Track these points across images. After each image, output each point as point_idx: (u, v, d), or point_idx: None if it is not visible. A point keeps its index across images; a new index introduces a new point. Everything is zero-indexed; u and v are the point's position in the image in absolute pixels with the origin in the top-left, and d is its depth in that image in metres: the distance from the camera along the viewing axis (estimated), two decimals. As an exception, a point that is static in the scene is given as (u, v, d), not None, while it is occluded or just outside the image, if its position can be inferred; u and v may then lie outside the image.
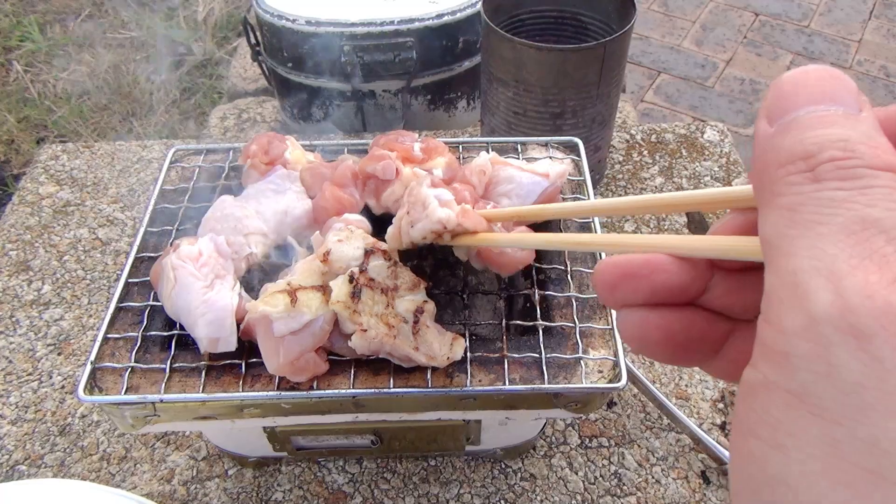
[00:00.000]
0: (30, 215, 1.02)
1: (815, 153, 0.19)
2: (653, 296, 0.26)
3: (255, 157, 0.69)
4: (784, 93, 0.21)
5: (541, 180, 0.63)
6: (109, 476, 0.76)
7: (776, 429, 0.19)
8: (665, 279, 0.26)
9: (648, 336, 0.26)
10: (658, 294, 0.26)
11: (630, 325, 0.26)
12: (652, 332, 0.26)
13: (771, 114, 0.21)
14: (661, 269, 0.26)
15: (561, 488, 0.75)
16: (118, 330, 0.59)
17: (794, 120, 0.20)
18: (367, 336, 0.53)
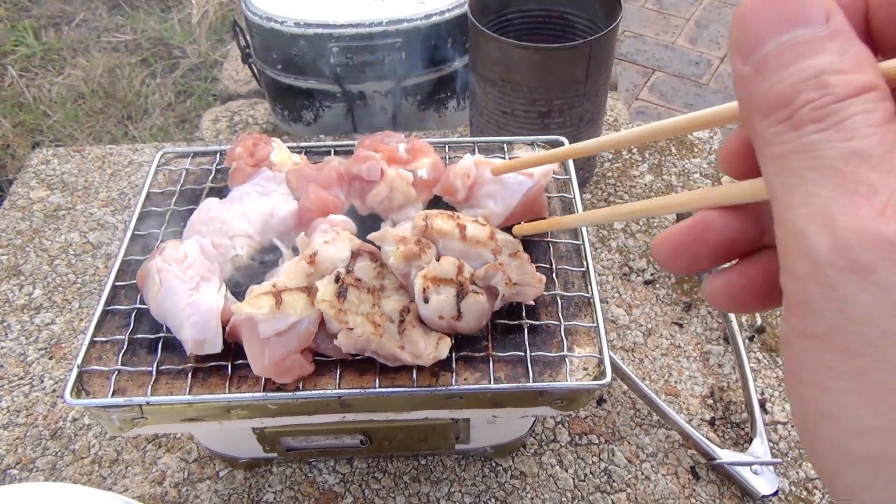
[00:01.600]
0: (21, 220, 1.02)
1: (792, 99, 0.20)
2: (716, 253, 0.27)
3: (240, 159, 0.69)
4: (748, 23, 0.21)
5: (525, 180, 0.63)
6: (101, 479, 0.76)
7: (815, 372, 0.20)
8: (717, 234, 0.26)
9: (738, 295, 0.26)
10: (720, 250, 0.27)
11: (717, 293, 0.27)
12: (739, 291, 0.26)
13: (742, 50, 0.21)
14: (709, 227, 0.26)
15: (551, 486, 0.75)
16: (105, 333, 0.59)
17: (765, 57, 0.21)
18: (353, 335, 0.54)
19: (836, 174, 0.19)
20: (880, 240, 0.18)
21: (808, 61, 0.20)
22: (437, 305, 0.56)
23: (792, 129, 0.20)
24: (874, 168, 0.18)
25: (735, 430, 0.80)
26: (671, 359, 0.86)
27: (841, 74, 0.19)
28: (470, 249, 0.59)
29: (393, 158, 0.66)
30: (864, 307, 0.18)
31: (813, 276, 0.19)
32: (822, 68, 0.19)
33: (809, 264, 0.19)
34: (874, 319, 0.18)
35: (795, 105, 0.20)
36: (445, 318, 0.56)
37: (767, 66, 0.20)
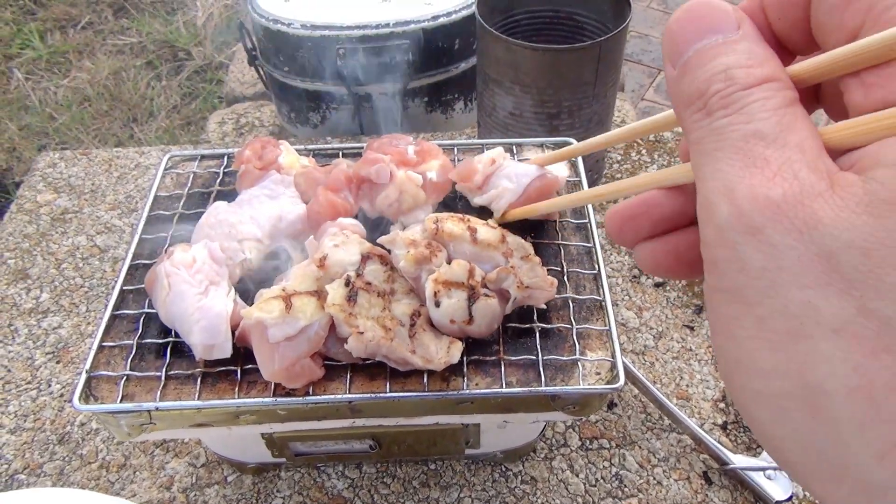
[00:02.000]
0: (28, 223, 1.02)
1: (705, 90, 0.23)
2: (655, 227, 0.30)
3: (248, 162, 0.68)
4: (674, 35, 0.24)
5: (531, 166, 0.64)
6: (109, 484, 0.75)
7: (725, 323, 0.23)
8: (660, 211, 0.30)
9: (661, 262, 0.30)
10: (659, 224, 0.30)
11: (644, 257, 0.30)
12: (662, 258, 0.30)
13: (670, 56, 0.25)
14: (654, 204, 0.30)
15: (562, 491, 0.74)
16: (113, 338, 0.59)
17: (687, 60, 0.24)
18: (364, 338, 0.53)
19: (737, 152, 0.22)
20: (768, 202, 0.20)
21: (719, 60, 0.23)
22: (448, 309, 0.55)
23: (705, 117, 0.23)
24: (769, 145, 0.21)
25: (748, 435, 0.79)
26: (682, 362, 0.86)
27: (745, 68, 0.22)
28: (481, 252, 0.59)
29: (402, 161, 0.66)
30: (756, 262, 0.21)
31: (718, 239, 0.22)
32: (729, 64, 0.23)
33: (715, 229, 0.22)
34: (765, 273, 0.21)
35: (707, 95, 0.23)
36: (457, 322, 0.55)
37: (689, 67, 0.24)
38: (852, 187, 0.20)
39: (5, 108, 2.22)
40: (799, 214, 0.20)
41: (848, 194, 0.20)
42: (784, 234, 0.20)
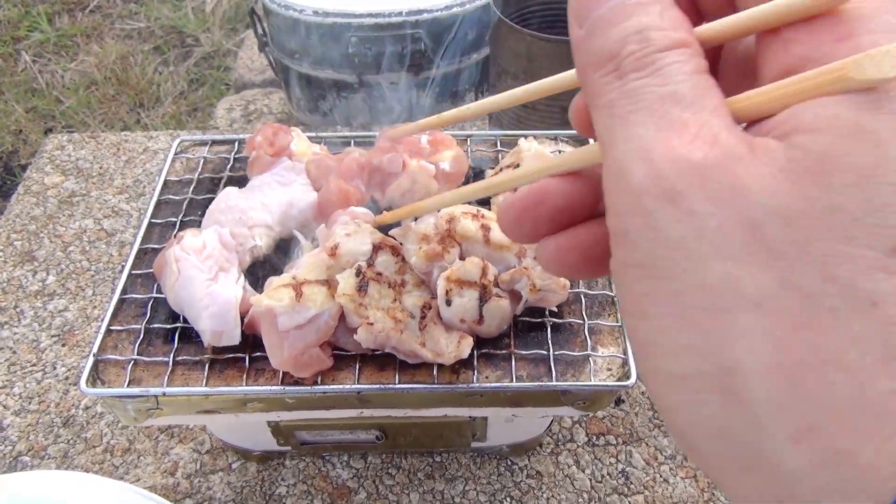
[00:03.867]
0: (35, 205, 1.01)
1: (618, 51, 0.22)
2: (555, 219, 0.27)
3: (260, 148, 0.68)
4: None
5: None
6: (113, 468, 0.75)
7: (637, 301, 0.21)
8: (558, 200, 0.27)
9: (566, 259, 0.27)
10: (559, 215, 0.27)
11: (548, 255, 0.28)
12: (566, 254, 0.27)
13: (578, 16, 0.23)
14: (551, 193, 0.27)
15: (567, 486, 0.74)
16: (121, 322, 0.59)
17: (597, 19, 0.22)
18: (373, 329, 0.53)
19: (653, 114, 0.20)
20: (689, 165, 0.19)
21: (633, 20, 0.22)
22: (459, 308, 0.55)
23: (618, 78, 0.21)
24: (687, 107, 0.20)
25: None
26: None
27: (660, 31, 0.21)
28: (493, 254, 0.58)
29: (415, 150, 0.65)
30: (674, 231, 0.19)
31: (632, 206, 0.20)
32: (644, 25, 0.21)
33: (628, 195, 0.20)
34: (683, 242, 0.19)
35: (621, 56, 0.21)
36: (467, 321, 0.55)
37: (598, 27, 0.22)
38: (774, 153, 0.19)
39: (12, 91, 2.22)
40: (722, 179, 0.19)
41: (770, 160, 0.19)
42: (705, 200, 0.19)
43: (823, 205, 0.18)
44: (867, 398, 0.18)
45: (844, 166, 0.18)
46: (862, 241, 0.18)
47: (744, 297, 0.19)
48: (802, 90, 0.20)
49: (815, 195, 0.18)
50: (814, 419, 0.18)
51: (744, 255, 0.19)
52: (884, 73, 0.18)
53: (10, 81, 2.25)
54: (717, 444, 0.20)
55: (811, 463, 0.18)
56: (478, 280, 0.56)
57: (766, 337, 0.19)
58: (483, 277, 0.56)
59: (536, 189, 0.27)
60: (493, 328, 0.56)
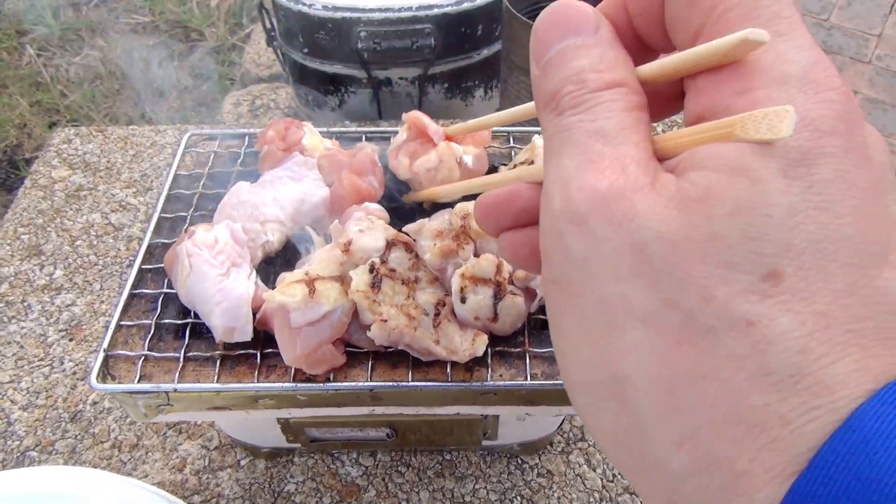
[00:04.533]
0: (42, 199, 1.01)
1: (559, 90, 0.24)
2: (517, 218, 0.30)
3: (272, 143, 0.67)
4: (539, 36, 0.25)
5: None
6: (121, 464, 0.75)
7: (554, 314, 0.24)
8: (521, 202, 0.30)
9: (519, 252, 0.30)
10: (520, 215, 0.30)
11: (505, 246, 0.30)
12: (519, 247, 0.30)
13: (535, 56, 0.25)
14: (518, 196, 0.30)
15: (578, 485, 0.73)
16: (131, 317, 0.58)
17: (548, 61, 0.25)
18: (387, 326, 0.52)
19: (578, 147, 0.22)
20: (594, 193, 0.21)
21: (574, 63, 0.24)
22: (473, 306, 0.54)
23: (557, 115, 0.24)
24: (608, 142, 0.22)
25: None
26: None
27: (597, 73, 0.23)
28: None
29: (447, 136, 0.65)
30: (578, 252, 0.22)
31: (550, 229, 0.23)
32: (582, 68, 0.23)
33: (549, 219, 0.23)
34: (585, 263, 0.22)
35: (560, 95, 0.24)
36: (482, 318, 0.54)
37: (549, 68, 0.24)
38: (668, 185, 0.21)
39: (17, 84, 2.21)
40: (620, 206, 0.21)
41: (664, 191, 0.21)
42: (604, 224, 0.21)
43: (705, 231, 0.20)
44: (741, 411, 0.19)
45: (725, 198, 0.20)
46: (738, 266, 0.19)
47: (632, 314, 0.21)
48: (700, 140, 0.21)
49: (698, 223, 0.20)
50: (693, 427, 0.20)
51: (633, 275, 0.20)
52: (761, 134, 0.20)
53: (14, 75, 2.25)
54: (619, 448, 0.23)
55: (692, 466, 0.20)
56: (492, 277, 0.55)
57: (651, 351, 0.20)
58: (498, 274, 0.55)
59: (506, 190, 0.30)
60: (508, 326, 0.56)
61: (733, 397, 0.19)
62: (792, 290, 0.19)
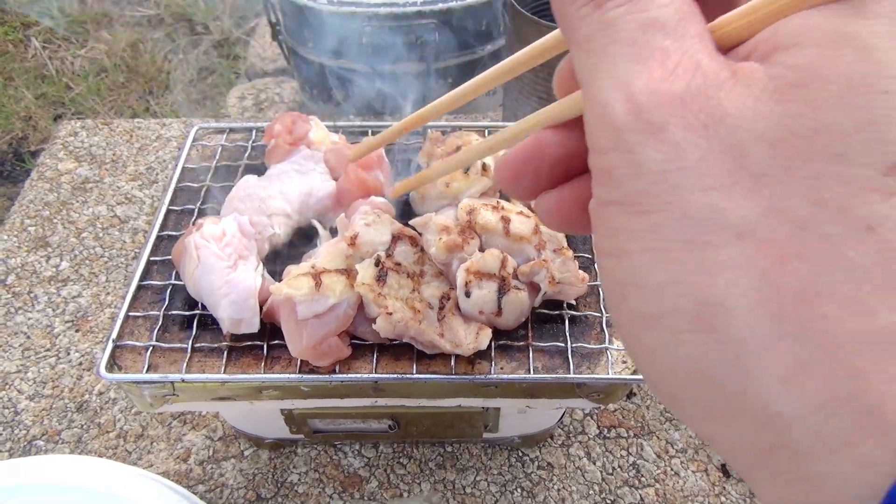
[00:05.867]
0: (49, 191, 1.02)
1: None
2: (553, 172, 0.26)
3: (279, 136, 0.68)
4: None
5: None
6: (126, 454, 0.76)
7: (614, 238, 0.20)
8: (555, 152, 0.26)
9: (566, 213, 0.26)
10: (557, 169, 0.26)
11: (548, 209, 0.26)
12: (567, 208, 0.26)
13: None
14: (547, 145, 0.26)
15: (578, 478, 0.74)
16: (139, 308, 0.59)
17: None
18: (392, 319, 0.53)
19: (633, 44, 0.19)
20: (671, 97, 0.18)
21: None
22: (478, 300, 0.55)
23: (595, 9, 0.20)
24: (668, 35, 0.19)
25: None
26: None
27: None
28: (512, 245, 0.58)
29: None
30: (656, 164, 0.19)
31: (614, 143, 0.19)
32: None
33: (610, 132, 0.20)
34: (665, 175, 0.18)
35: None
36: (486, 313, 0.55)
37: None
38: (755, 74, 0.18)
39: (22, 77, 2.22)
40: (704, 108, 0.18)
41: (753, 81, 0.18)
42: (688, 129, 0.18)
43: (810, 122, 0.17)
44: (866, 332, 0.16)
45: (831, 78, 0.17)
46: (854, 159, 0.17)
47: (727, 228, 0.18)
48: (776, 9, 0.19)
49: (800, 112, 0.17)
50: (806, 358, 0.17)
51: (727, 183, 0.18)
52: None
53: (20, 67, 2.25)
54: (697, 389, 0.19)
55: (804, 406, 0.17)
56: (497, 272, 0.56)
57: (751, 269, 0.17)
58: (502, 269, 0.56)
59: (531, 143, 0.26)
60: (511, 320, 0.56)
61: (855, 318, 0.16)
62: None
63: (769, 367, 0.17)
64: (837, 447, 0.16)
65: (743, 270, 0.17)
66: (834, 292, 0.16)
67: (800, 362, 0.17)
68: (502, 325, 0.56)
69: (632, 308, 0.20)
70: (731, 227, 0.18)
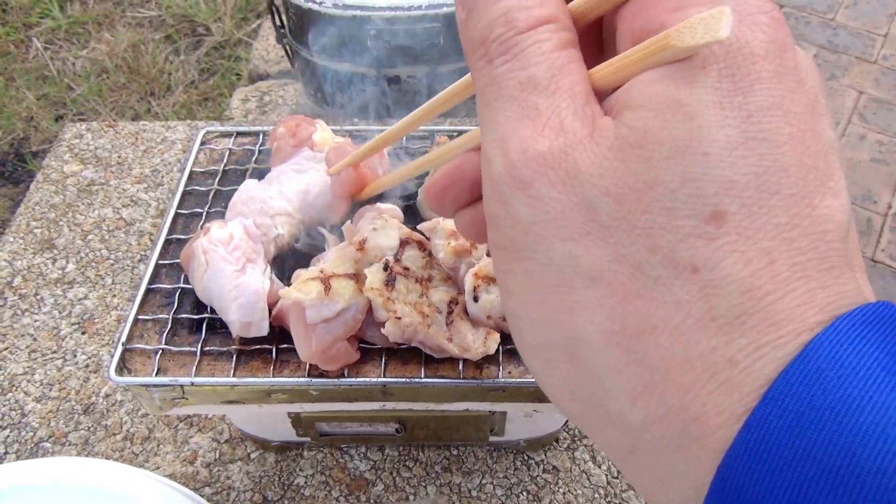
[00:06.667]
0: (54, 193, 1.02)
1: (487, 35, 0.22)
2: (472, 191, 0.28)
3: (282, 139, 0.68)
4: None
5: None
6: (133, 456, 0.76)
7: (503, 278, 0.23)
8: (472, 175, 0.28)
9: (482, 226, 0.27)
10: (475, 187, 0.28)
11: (463, 224, 0.29)
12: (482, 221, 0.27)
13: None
14: (466, 169, 0.28)
15: (584, 482, 0.74)
16: (148, 311, 0.59)
17: (472, 2, 0.23)
18: (401, 324, 0.53)
19: (513, 101, 0.21)
20: (536, 155, 0.20)
21: (501, 2, 0.22)
22: (486, 305, 0.55)
23: (487, 64, 0.22)
24: (541, 93, 0.21)
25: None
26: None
27: (524, 10, 0.21)
28: None
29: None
30: (525, 216, 0.21)
31: (494, 194, 0.22)
32: (509, 7, 0.22)
33: (491, 184, 0.22)
34: (532, 227, 0.21)
35: (489, 40, 0.22)
36: (493, 317, 0.55)
37: (475, 10, 0.22)
38: (606, 132, 0.20)
39: (24, 78, 2.22)
40: (562, 165, 0.20)
41: (603, 139, 0.20)
42: (549, 186, 0.20)
43: (645, 179, 0.19)
44: (692, 357, 0.19)
45: (662, 140, 0.19)
46: (680, 211, 0.19)
47: (582, 273, 0.20)
48: (637, 60, 0.20)
49: (638, 170, 0.19)
50: (647, 379, 0.20)
51: (582, 234, 0.20)
52: (697, 39, 0.19)
53: (21, 68, 2.26)
54: (576, 404, 0.23)
55: (648, 417, 0.20)
56: None
57: (601, 308, 0.20)
58: None
59: (453, 167, 0.28)
60: None
61: (682, 345, 0.19)
62: (736, 229, 0.19)
63: (621, 388, 0.20)
64: (675, 449, 0.20)
65: (596, 309, 0.20)
66: (665, 325, 0.19)
67: (642, 383, 0.20)
68: (509, 330, 0.57)
69: (521, 337, 0.24)
70: (586, 272, 0.20)
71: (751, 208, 0.19)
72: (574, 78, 0.21)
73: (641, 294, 0.20)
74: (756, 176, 0.19)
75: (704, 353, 0.19)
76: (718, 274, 0.19)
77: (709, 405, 0.19)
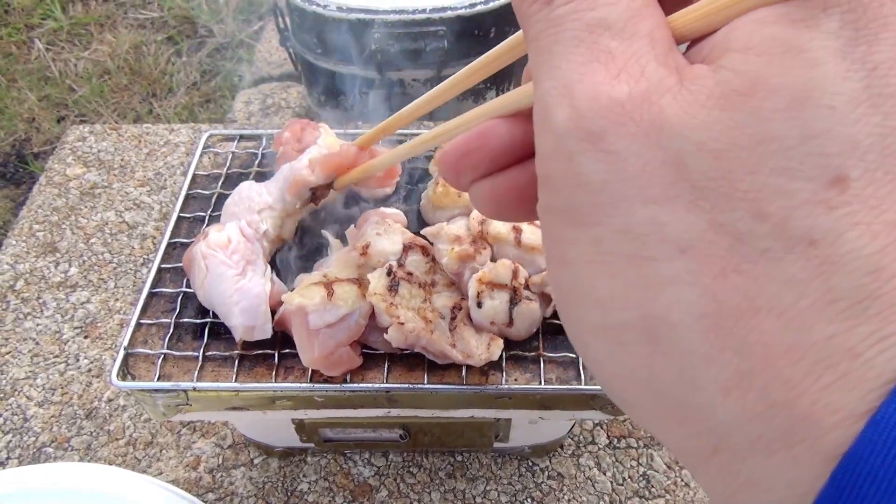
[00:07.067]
0: (57, 196, 1.02)
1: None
2: (495, 162, 0.25)
3: (287, 144, 0.68)
4: None
5: None
6: (136, 461, 0.76)
7: (559, 247, 0.20)
8: (499, 142, 0.25)
9: (501, 199, 0.25)
10: (499, 158, 0.25)
11: (482, 196, 0.26)
12: (502, 194, 0.25)
13: None
14: (492, 135, 0.25)
15: (589, 488, 0.74)
16: (150, 316, 0.59)
17: None
18: (404, 329, 0.53)
19: (579, 44, 0.18)
20: (610, 103, 0.18)
21: None
22: (490, 310, 0.55)
23: (545, 6, 0.19)
24: (615, 35, 0.18)
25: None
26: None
27: None
28: (524, 255, 0.58)
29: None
30: (596, 175, 0.18)
31: (554, 150, 0.19)
32: None
33: (552, 138, 0.19)
34: (605, 187, 0.18)
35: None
36: (497, 323, 0.55)
37: None
38: (702, 79, 0.17)
39: (25, 79, 2.22)
40: (645, 115, 0.17)
41: (698, 87, 0.17)
42: (628, 139, 0.18)
43: (754, 133, 0.17)
44: (803, 345, 0.16)
45: (778, 89, 0.17)
46: (798, 172, 0.16)
47: (669, 243, 0.18)
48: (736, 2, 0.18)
49: (745, 122, 0.17)
50: (745, 370, 0.17)
51: (669, 196, 0.17)
52: None
53: (23, 69, 2.26)
54: (647, 396, 0.20)
55: (743, 414, 0.17)
56: (509, 282, 0.56)
57: (693, 285, 0.17)
58: (514, 280, 0.56)
59: (476, 133, 0.25)
60: (523, 331, 0.56)
61: (793, 331, 0.16)
62: (860, 197, 0.16)
63: (711, 378, 0.18)
64: (774, 451, 0.17)
65: (685, 286, 0.18)
66: (772, 307, 0.17)
67: (739, 374, 0.17)
68: (514, 336, 0.56)
69: (579, 317, 0.21)
70: (673, 241, 0.18)
71: (874, 174, 0.16)
72: (653, 22, 0.18)
73: (743, 269, 0.17)
74: (881, 137, 0.16)
75: (819, 341, 0.16)
76: (840, 249, 0.16)
77: (822, 402, 0.16)
